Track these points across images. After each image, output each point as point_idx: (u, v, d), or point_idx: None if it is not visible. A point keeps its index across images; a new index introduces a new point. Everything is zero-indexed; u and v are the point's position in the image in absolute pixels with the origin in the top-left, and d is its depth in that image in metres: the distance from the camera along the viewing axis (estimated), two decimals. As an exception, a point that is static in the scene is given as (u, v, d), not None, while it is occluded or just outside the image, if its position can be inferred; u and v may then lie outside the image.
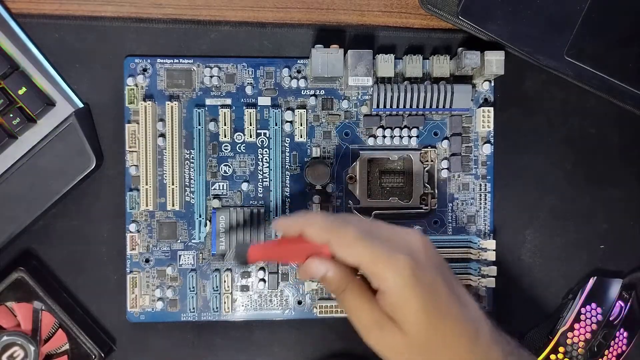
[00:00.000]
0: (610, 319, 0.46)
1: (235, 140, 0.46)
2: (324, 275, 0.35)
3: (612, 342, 0.46)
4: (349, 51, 0.43)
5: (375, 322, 0.34)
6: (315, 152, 0.46)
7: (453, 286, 0.35)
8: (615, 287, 0.47)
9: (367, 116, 0.46)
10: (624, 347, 0.47)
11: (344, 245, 0.34)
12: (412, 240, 0.35)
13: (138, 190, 0.45)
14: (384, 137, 0.46)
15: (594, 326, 0.46)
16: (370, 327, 0.34)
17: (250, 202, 0.46)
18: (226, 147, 0.46)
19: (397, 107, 0.45)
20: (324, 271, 0.35)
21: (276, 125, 0.46)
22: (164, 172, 0.45)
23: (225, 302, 0.46)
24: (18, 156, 0.43)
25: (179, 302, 0.46)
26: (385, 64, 0.44)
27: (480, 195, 0.47)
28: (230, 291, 0.46)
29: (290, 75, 0.46)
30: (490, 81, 0.47)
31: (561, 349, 0.46)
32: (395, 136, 0.46)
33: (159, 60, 0.46)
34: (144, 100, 0.45)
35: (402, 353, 0.34)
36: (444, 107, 0.45)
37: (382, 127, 0.46)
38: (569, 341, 0.46)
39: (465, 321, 0.34)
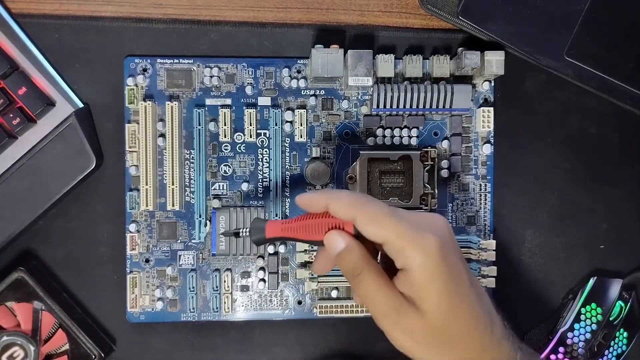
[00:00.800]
0: (610, 319, 0.46)
1: (235, 140, 0.46)
2: (342, 252, 0.34)
3: (612, 342, 0.46)
4: (349, 51, 0.43)
5: (393, 306, 0.33)
6: (315, 152, 0.46)
7: (471, 276, 0.35)
8: (615, 287, 0.47)
9: (367, 116, 0.46)
10: (624, 347, 0.47)
11: (371, 221, 0.33)
12: (437, 222, 0.35)
13: (138, 190, 0.45)
14: (384, 137, 0.46)
15: (594, 326, 0.46)
16: (386, 311, 0.33)
17: (250, 202, 0.46)
18: (226, 147, 0.46)
19: (397, 107, 0.45)
20: (343, 246, 0.34)
21: (276, 125, 0.46)
22: (164, 172, 0.45)
23: (225, 302, 0.46)
24: (18, 156, 0.43)
25: (179, 302, 0.46)
26: (385, 64, 0.44)
27: (480, 195, 0.47)
28: (230, 291, 0.46)
29: (290, 75, 0.46)
30: (490, 81, 0.47)
31: (561, 349, 0.46)
32: (395, 136, 0.46)
33: (159, 60, 0.46)
34: (144, 100, 0.45)
35: (418, 338, 0.33)
36: (444, 107, 0.45)
37: (382, 127, 0.46)
38: (569, 341, 0.46)
39: (482, 312, 0.34)
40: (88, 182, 0.45)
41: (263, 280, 0.46)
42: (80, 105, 0.45)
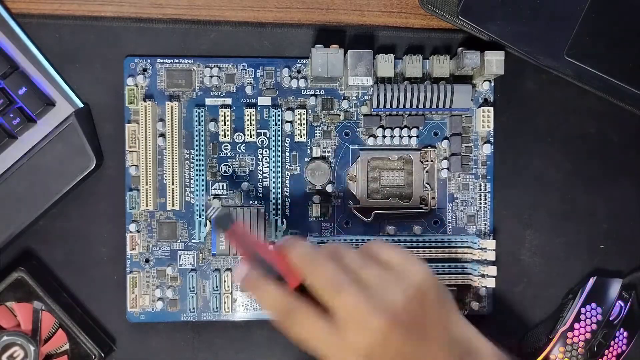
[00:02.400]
0: (610, 319, 0.46)
1: (235, 140, 0.46)
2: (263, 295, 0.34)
3: (612, 342, 0.46)
4: (349, 51, 0.43)
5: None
6: (315, 152, 0.46)
7: (443, 328, 0.33)
8: (615, 287, 0.47)
9: (367, 116, 0.46)
10: (624, 347, 0.47)
11: (325, 286, 0.33)
12: (410, 282, 0.33)
13: (138, 190, 0.45)
14: (384, 137, 0.46)
15: (594, 326, 0.46)
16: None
17: (250, 202, 0.46)
18: (226, 147, 0.46)
19: (397, 107, 0.45)
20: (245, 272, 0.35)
21: (276, 125, 0.46)
22: (164, 172, 0.45)
23: (225, 302, 0.46)
24: (18, 156, 0.44)
25: (179, 302, 0.46)
26: (385, 64, 0.44)
27: (480, 195, 0.47)
28: (230, 291, 0.46)
29: (290, 75, 0.46)
30: (490, 81, 0.47)
31: (561, 349, 0.46)
32: (395, 136, 0.46)
33: (159, 60, 0.46)
34: (144, 100, 0.45)
35: None
36: (444, 107, 0.45)
37: (382, 127, 0.46)
38: (569, 341, 0.46)
39: None
40: (88, 182, 0.45)
41: (263, 280, 0.46)
42: (80, 105, 0.45)
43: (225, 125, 0.45)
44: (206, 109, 0.46)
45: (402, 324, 0.32)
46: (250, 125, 0.46)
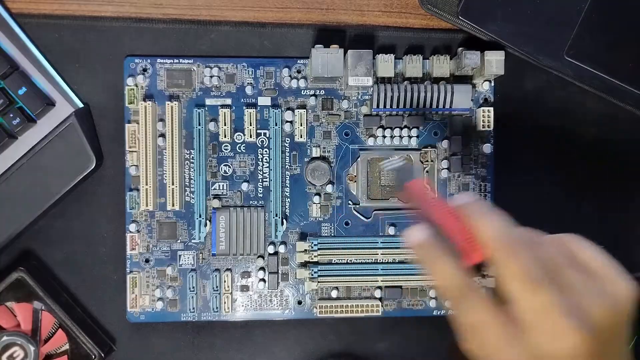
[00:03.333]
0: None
1: (235, 140, 0.46)
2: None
3: (612, 342, 0.46)
4: (349, 51, 0.43)
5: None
6: (315, 152, 0.46)
7: None
8: (615, 287, 0.47)
9: (367, 116, 0.46)
10: (624, 347, 0.47)
11: (513, 278, 0.28)
12: (607, 302, 0.28)
13: (138, 190, 0.45)
14: (384, 137, 0.46)
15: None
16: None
17: (250, 202, 0.46)
18: (226, 147, 0.46)
19: (397, 107, 0.45)
20: (421, 237, 0.30)
21: (276, 125, 0.46)
22: (164, 172, 0.45)
23: (225, 302, 0.46)
24: (18, 156, 0.43)
25: (179, 302, 0.46)
26: (385, 64, 0.44)
27: (480, 195, 0.47)
28: (230, 291, 0.46)
29: (290, 75, 0.46)
30: (490, 81, 0.47)
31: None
32: (395, 136, 0.46)
33: (159, 60, 0.46)
34: (144, 100, 0.45)
35: None
36: (444, 107, 0.45)
37: (382, 127, 0.46)
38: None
39: None
40: (88, 182, 0.45)
41: (263, 280, 0.46)
42: (80, 105, 0.45)
43: (225, 125, 0.45)
44: (206, 109, 0.46)
45: (597, 343, 0.28)
46: (250, 125, 0.46)
